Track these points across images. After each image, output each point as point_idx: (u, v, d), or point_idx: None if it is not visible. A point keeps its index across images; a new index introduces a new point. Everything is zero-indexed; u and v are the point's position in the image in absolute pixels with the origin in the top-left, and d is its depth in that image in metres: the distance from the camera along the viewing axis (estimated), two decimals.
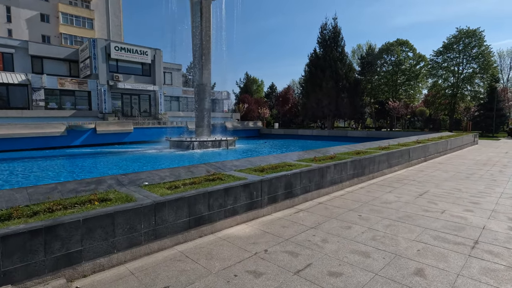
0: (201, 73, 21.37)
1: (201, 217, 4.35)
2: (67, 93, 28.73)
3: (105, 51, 29.97)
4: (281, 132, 35.09)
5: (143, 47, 32.74)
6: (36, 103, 26.54)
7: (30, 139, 20.68)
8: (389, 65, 40.73)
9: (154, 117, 33.57)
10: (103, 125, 24.19)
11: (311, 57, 40.25)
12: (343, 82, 37.50)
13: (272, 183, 5.49)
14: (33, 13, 40.94)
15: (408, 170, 10.53)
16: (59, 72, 31.56)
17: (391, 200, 6.41)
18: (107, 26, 47.97)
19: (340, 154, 8.81)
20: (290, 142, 28.26)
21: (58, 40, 43.02)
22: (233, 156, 17.25)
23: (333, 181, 7.11)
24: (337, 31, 38.91)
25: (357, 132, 30.04)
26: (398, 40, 40.15)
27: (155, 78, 33.97)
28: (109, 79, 30.31)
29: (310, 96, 39.01)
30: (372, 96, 43.18)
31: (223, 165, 6.41)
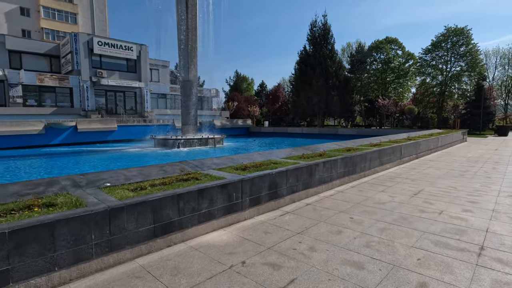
0: (187, 69, 20.61)
1: (169, 224, 3.74)
2: (47, 90, 27.46)
3: (88, 46, 28.80)
4: (270, 130, 34.59)
5: (128, 42, 31.65)
6: (13, 100, 25.22)
7: (5, 138, 19.50)
8: (379, 63, 40.69)
9: (140, 115, 32.56)
10: (85, 123, 23.14)
11: (301, 55, 39.86)
12: (333, 80, 37.25)
13: (255, 183, 4.91)
14: (12, 6, 39.19)
15: (400, 167, 10.13)
16: (39, 67, 30.19)
17: (385, 200, 5.93)
18: (92, 21, 46.46)
19: (330, 151, 8.31)
20: (279, 140, 27.77)
21: (39, 35, 41.37)
22: (220, 155, 16.61)
23: (323, 180, 6.59)
24: (327, 29, 38.61)
25: (347, 130, 29.80)
26: (387, 38, 40.15)
27: (141, 74, 32.93)
28: (92, 75, 29.16)
29: (300, 94, 38.64)
30: (362, 94, 43.08)
31: (202, 163, 5.80)
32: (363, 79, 42.05)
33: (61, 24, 43.18)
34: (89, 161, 14.09)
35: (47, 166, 12.82)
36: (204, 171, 5.32)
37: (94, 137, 23.84)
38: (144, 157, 15.46)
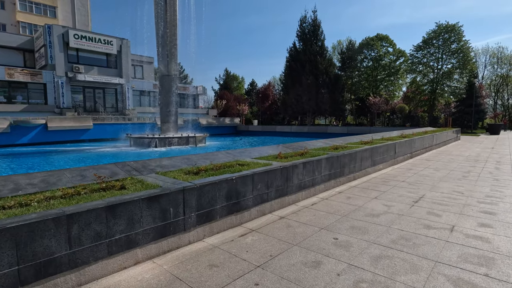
0: (166, 62, 19.16)
1: (50, 262, 2.40)
2: (17, 85, 25.56)
3: (63, 39, 26.97)
4: (258, 129, 33.34)
5: (107, 36, 29.91)
6: None
7: None
8: (369, 60, 39.86)
9: (121, 113, 30.85)
10: (56, 121, 21.42)
11: (291, 51, 38.71)
12: (323, 77, 36.18)
13: (205, 192, 3.61)
14: None
15: (394, 168, 8.97)
16: (12, 62, 28.17)
17: (379, 211, 4.70)
18: (72, 15, 44.35)
19: (314, 150, 7.07)
20: (267, 139, 26.53)
21: (15, 29, 39.16)
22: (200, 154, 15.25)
23: (302, 185, 5.33)
24: (316, 25, 37.53)
25: (337, 128, 28.77)
26: (378, 35, 39.35)
27: (122, 70, 31.22)
28: (68, 70, 27.35)
29: (289, 91, 37.48)
30: (353, 92, 42.20)
31: (145, 165, 4.46)
32: (353, 77, 41.18)
33: (39, 18, 40.98)
34: (38, 162, 12.53)
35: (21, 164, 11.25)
36: (142, 175, 3.99)
37: (67, 136, 22.15)
38: (114, 157, 13.97)
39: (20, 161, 13.25)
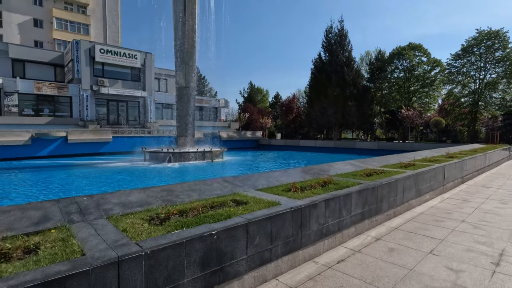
0: (184, 74, 18.48)
1: None
2: (45, 99, 26.26)
3: (89, 54, 27.58)
4: (281, 143, 31.82)
5: (132, 50, 30.33)
6: (8, 109, 24.06)
7: None
8: (401, 71, 37.34)
9: (143, 126, 30.82)
10: (76, 134, 21.39)
11: (316, 62, 37.26)
12: (350, 89, 34.22)
13: (161, 262, 2.23)
14: (26, 18, 39.35)
15: (444, 198, 7.11)
16: (43, 77, 29.30)
17: (444, 282, 3.05)
18: (104, 32, 46.29)
19: (341, 177, 5.51)
20: (289, 154, 24.93)
21: (51, 46, 41.29)
22: (218, 170, 14.07)
23: (325, 230, 3.81)
24: (343, 35, 35.94)
25: (366, 144, 26.52)
26: (410, 44, 36.89)
27: (145, 83, 31.39)
28: (93, 84, 27.81)
29: (314, 104, 35.81)
30: (383, 104, 39.65)
31: (100, 203, 3.19)
32: (383, 89, 38.75)
33: (73, 35, 43.01)
34: (34, 178, 11.88)
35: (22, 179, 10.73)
36: (84, 222, 2.72)
37: (87, 149, 22.03)
38: (119, 173, 13.12)
39: (15, 176, 12.78)
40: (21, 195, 8.22)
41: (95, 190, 8.94)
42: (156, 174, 12.70)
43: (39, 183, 10.39)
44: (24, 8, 38.95)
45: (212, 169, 14.55)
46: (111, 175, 12.20)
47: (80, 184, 10.07)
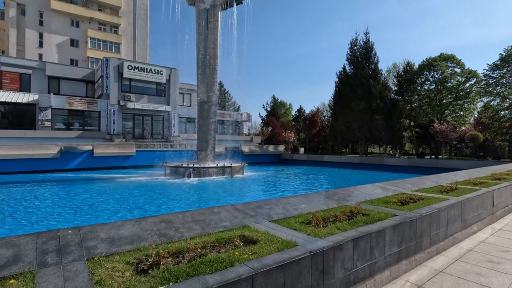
0: (206, 89, 18.48)
1: None
2: (75, 113, 27.47)
3: (118, 70, 28.72)
4: (304, 158, 30.87)
5: (158, 66, 31.26)
6: (41, 123, 25.34)
7: (18, 161, 18.77)
8: (432, 83, 35.42)
9: (166, 140, 31.29)
10: (101, 147, 21.93)
11: (340, 75, 36.36)
12: (377, 102, 32.82)
13: None
14: (64, 38, 42.16)
15: (495, 230, 6.06)
16: (76, 92, 30.88)
17: None
18: (134, 49, 48.52)
19: (372, 204, 4.77)
20: (313, 170, 23.96)
21: (85, 63, 43.75)
22: (237, 186, 13.57)
23: (352, 277, 3.11)
24: (369, 47, 34.93)
25: (395, 160, 24.94)
26: (441, 55, 35.03)
27: (170, 98, 32.07)
28: (121, 99, 28.79)
29: (338, 117, 34.69)
30: (412, 118, 37.64)
31: (86, 238, 2.75)
32: (413, 102, 36.88)
33: (105, 53, 45.42)
34: (53, 191, 11.92)
35: (37, 195, 10.88)
36: (61, 264, 2.26)
37: (111, 162, 22.49)
38: (136, 188, 12.97)
39: (34, 189, 12.97)
40: (25, 212, 8.11)
41: (106, 208, 8.71)
42: (173, 191, 12.40)
43: (53, 199, 10.39)
44: (63, 29, 41.81)
45: (231, 186, 14.06)
46: (128, 191, 12.05)
47: (93, 201, 9.93)
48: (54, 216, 7.85)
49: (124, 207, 8.81)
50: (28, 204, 9.38)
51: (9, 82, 27.85)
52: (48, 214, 8.01)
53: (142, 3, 48.49)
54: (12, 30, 38.20)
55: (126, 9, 46.87)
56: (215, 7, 18.39)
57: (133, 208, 8.76)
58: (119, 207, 8.90)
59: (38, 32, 40.24)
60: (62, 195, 11.19)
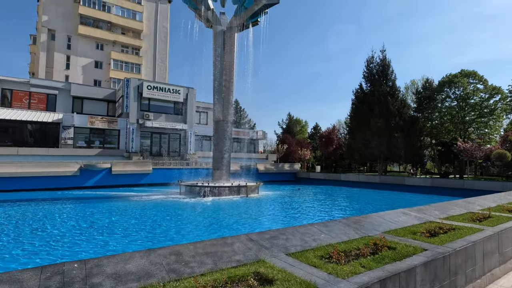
0: (222, 108, 18.65)
1: None
2: (96, 132, 28.37)
3: (138, 90, 29.71)
4: (320, 177, 30.19)
5: (176, 86, 32.13)
6: (64, 141, 26.27)
7: (40, 179, 19.34)
8: (453, 99, 34.34)
9: (182, 157, 31.60)
10: (119, 165, 22.33)
11: (357, 93, 35.95)
12: (395, 120, 32.02)
13: None
14: (89, 60, 44.43)
15: None
16: (98, 111, 32.05)
17: None
18: (153, 70, 50.35)
19: (397, 235, 4.39)
20: (330, 189, 23.29)
21: (108, 84, 45.68)
22: (251, 207, 13.27)
23: None
24: (386, 64, 34.55)
25: (417, 180, 23.89)
26: (462, 71, 34.09)
27: (187, 117, 32.66)
28: (139, 117, 29.58)
29: (356, 135, 33.99)
30: (433, 136, 36.37)
31: (91, 274, 2.61)
32: (433, 119, 35.75)
33: (127, 74, 47.35)
34: (77, 211, 12.01)
35: (60, 213, 11.04)
36: None
37: (129, 180, 22.79)
38: (152, 209, 12.90)
39: (51, 207, 13.15)
40: (34, 235, 8.12)
41: (115, 232, 8.62)
42: (187, 212, 12.26)
43: (63, 218, 10.45)
44: (88, 52, 44.14)
45: (245, 207, 13.76)
46: (142, 211, 12.00)
47: (105, 222, 9.89)
48: (62, 241, 7.82)
49: (136, 230, 8.69)
50: (38, 226, 9.46)
51: (36, 102, 29.33)
52: (55, 238, 8.00)
53: (163, 26, 50.70)
54: (42, 53, 40.70)
55: (147, 32, 49.10)
56: (231, 29, 18.86)
57: (145, 231, 8.63)
58: (131, 230, 8.79)
59: (65, 55, 42.65)
60: (74, 215, 11.26)
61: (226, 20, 19.51)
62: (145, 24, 48.68)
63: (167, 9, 51.21)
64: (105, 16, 44.40)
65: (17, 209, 12.40)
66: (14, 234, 8.09)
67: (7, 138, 25.77)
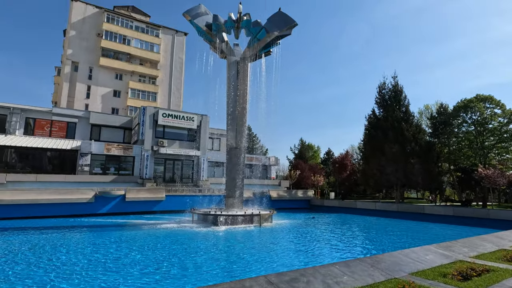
0: (235, 135, 18.83)
1: None
2: (112, 158, 28.98)
3: (153, 118, 30.56)
4: (335, 204, 29.38)
5: (190, 113, 32.92)
6: (81, 168, 26.87)
7: (57, 206, 19.62)
8: (470, 124, 33.57)
9: (195, 184, 31.61)
10: (133, 192, 22.48)
11: (369, 118, 35.77)
12: (411, 145, 31.38)
13: None
14: (108, 90, 46.51)
15: None
16: (114, 138, 32.95)
17: None
18: (169, 98, 52.02)
19: (426, 277, 4.10)
20: (346, 218, 22.54)
21: (125, 111, 47.32)
22: (264, 237, 12.89)
23: None
24: (398, 90, 34.55)
25: (438, 208, 22.84)
26: (478, 96, 33.57)
27: (200, 143, 33.08)
28: (154, 144, 30.16)
29: (370, 161, 33.35)
30: (452, 162, 35.25)
31: None
32: (451, 144, 34.84)
33: (143, 102, 49.14)
34: (87, 240, 11.94)
35: (83, 242, 11.03)
36: None
37: (142, 207, 22.80)
38: (163, 238, 12.71)
39: (65, 235, 13.13)
40: (28, 271, 8.00)
41: (122, 268, 8.45)
42: (199, 243, 12.01)
43: (68, 250, 10.38)
44: (108, 82, 46.34)
45: (259, 237, 13.39)
46: (153, 242, 11.82)
47: (116, 255, 9.75)
48: (63, 276, 7.72)
49: (146, 264, 8.49)
50: (50, 255, 9.42)
51: (57, 130, 30.51)
52: (56, 274, 7.90)
53: (179, 57, 53.04)
54: (65, 84, 42.99)
55: (164, 63, 51.39)
56: (245, 59, 19.49)
57: (155, 266, 8.42)
58: (142, 264, 8.60)
59: (86, 85, 44.87)
60: (82, 246, 11.19)
61: (240, 51, 20.23)
62: (162, 55, 51.09)
63: (183, 41, 53.83)
64: (125, 49, 46.97)
65: (36, 237, 12.47)
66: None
67: (27, 164, 26.63)
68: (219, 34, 19.17)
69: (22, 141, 26.09)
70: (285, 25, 18.31)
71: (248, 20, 18.67)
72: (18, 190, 19.20)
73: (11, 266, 7.97)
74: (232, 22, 18.74)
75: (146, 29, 49.74)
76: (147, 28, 49.89)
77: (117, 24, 46.98)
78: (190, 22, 18.82)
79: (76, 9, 44.71)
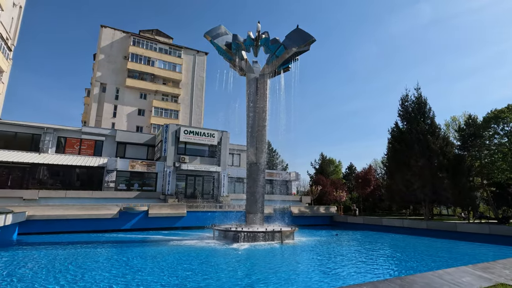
0: (255, 151, 18.87)
1: None
2: (136, 175, 29.81)
3: (175, 135, 31.37)
4: (359, 221, 28.29)
5: (210, 130, 33.53)
6: (107, 184, 27.81)
7: (83, 221, 20.26)
8: (503, 136, 31.74)
9: (216, 200, 31.72)
10: (156, 208, 22.85)
11: (393, 132, 34.74)
12: (439, 159, 29.97)
13: None
14: (133, 109, 48.54)
15: None
16: (138, 155, 34.03)
17: None
18: (190, 115, 53.39)
19: None
20: (371, 236, 21.57)
21: (149, 129, 48.99)
22: (280, 259, 12.56)
23: None
24: (422, 102, 33.50)
25: (471, 227, 21.36)
26: (509, 106, 31.90)
27: (220, 159, 33.42)
28: (176, 160, 30.81)
29: (394, 176, 32.11)
30: (485, 175, 33.25)
31: None
32: (482, 157, 32.98)
33: (166, 120, 50.76)
34: (111, 258, 12.11)
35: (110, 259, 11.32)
36: None
37: (164, 223, 23.07)
38: (184, 254, 12.69)
39: (85, 251, 13.40)
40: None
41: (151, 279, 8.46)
42: (223, 260, 11.89)
43: (82, 270, 10.55)
44: (133, 101, 48.43)
45: (281, 255, 13.06)
46: (175, 260, 11.83)
47: (140, 277, 9.82)
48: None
49: (165, 283, 8.47)
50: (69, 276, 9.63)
51: (86, 148, 31.99)
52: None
53: (199, 76, 54.75)
54: (94, 104, 45.37)
55: (185, 81, 53.16)
56: (264, 76, 19.78)
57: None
58: (168, 280, 8.61)
59: (113, 105, 47.10)
60: (102, 262, 11.38)
61: (259, 68, 20.60)
62: (184, 74, 52.97)
63: (203, 60, 55.68)
64: (149, 69, 49.21)
65: (63, 252, 12.89)
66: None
67: (58, 181, 27.96)
68: (238, 53, 19.68)
69: (54, 159, 27.54)
70: (303, 41, 18.52)
71: (267, 38, 19.08)
72: (49, 206, 20.07)
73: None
74: (251, 41, 19.22)
75: (169, 50, 51.99)
76: (170, 49, 52.15)
77: (142, 47, 49.50)
78: (211, 42, 19.51)
79: (105, 34, 47.73)
